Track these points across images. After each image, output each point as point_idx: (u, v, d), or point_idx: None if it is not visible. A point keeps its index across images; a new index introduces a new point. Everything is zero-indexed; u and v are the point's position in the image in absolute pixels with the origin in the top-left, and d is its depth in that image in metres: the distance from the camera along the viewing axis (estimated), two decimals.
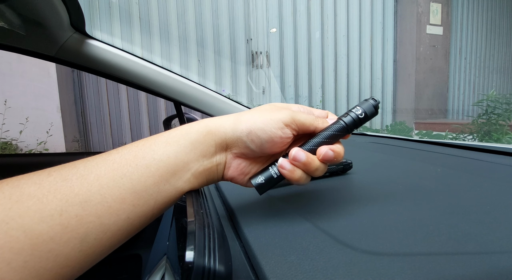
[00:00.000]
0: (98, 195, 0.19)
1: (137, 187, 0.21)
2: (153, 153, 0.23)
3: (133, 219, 0.21)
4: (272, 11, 3.15)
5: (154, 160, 0.22)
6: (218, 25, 3.04)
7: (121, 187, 0.20)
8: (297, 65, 3.29)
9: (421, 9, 3.32)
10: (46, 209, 0.18)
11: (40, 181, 0.19)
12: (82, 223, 0.18)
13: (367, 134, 0.82)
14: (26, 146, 2.66)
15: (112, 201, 0.20)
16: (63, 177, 0.19)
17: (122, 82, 0.76)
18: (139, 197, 0.21)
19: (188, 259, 0.16)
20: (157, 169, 0.22)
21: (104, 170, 0.21)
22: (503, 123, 2.35)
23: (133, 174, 0.21)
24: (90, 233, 0.19)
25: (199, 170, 0.25)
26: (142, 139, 0.24)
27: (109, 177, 0.20)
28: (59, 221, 0.18)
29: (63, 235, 0.18)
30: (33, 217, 0.17)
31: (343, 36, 3.37)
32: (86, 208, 0.19)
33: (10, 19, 0.57)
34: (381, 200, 0.29)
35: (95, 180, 0.20)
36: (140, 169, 0.22)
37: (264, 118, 0.25)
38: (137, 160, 0.22)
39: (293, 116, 0.25)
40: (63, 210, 0.18)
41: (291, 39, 3.23)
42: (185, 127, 0.25)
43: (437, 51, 3.46)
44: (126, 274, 0.68)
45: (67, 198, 0.18)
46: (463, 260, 0.18)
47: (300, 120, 0.25)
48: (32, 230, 0.17)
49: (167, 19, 2.92)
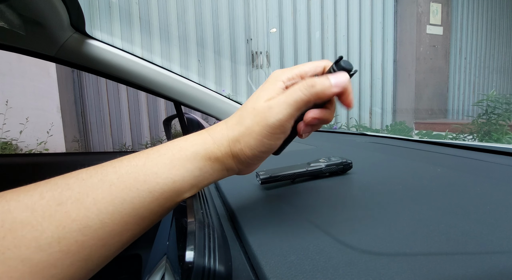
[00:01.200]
0: (98, 220, 0.18)
1: (140, 211, 0.20)
2: (156, 176, 0.21)
3: (137, 234, 0.21)
4: (272, 11, 3.15)
5: (157, 184, 0.21)
6: (218, 25, 3.04)
7: (122, 212, 0.19)
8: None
9: (421, 9, 3.32)
10: (42, 237, 0.17)
11: (32, 205, 0.18)
12: (84, 247, 0.18)
13: (367, 134, 0.82)
14: (26, 146, 2.66)
15: (114, 225, 0.19)
16: (57, 200, 0.18)
17: (122, 82, 0.76)
18: (143, 218, 0.20)
19: (188, 259, 0.16)
20: (161, 193, 0.21)
21: (101, 193, 0.19)
22: (503, 123, 2.35)
23: (135, 199, 0.20)
24: (94, 253, 0.18)
25: (209, 182, 0.24)
26: (140, 154, 0.22)
27: (107, 202, 0.19)
28: (59, 249, 0.17)
29: (65, 260, 0.17)
30: (29, 246, 0.16)
31: (343, 36, 3.37)
32: (86, 234, 0.18)
33: (10, 19, 0.57)
34: (381, 200, 0.29)
35: (93, 204, 0.19)
36: (142, 194, 0.20)
37: (254, 131, 0.23)
38: (138, 184, 0.20)
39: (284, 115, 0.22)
40: (61, 237, 0.17)
41: (291, 39, 3.23)
42: (189, 149, 0.23)
43: (437, 51, 3.46)
44: (126, 274, 0.68)
45: (64, 225, 0.17)
46: (463, 260, 0.18)
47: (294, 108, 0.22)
48: (30, 260, 0.16)
49: (167, 19, 2.93)
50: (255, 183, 0.37)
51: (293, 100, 0.22)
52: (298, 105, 0.22)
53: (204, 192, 0.28)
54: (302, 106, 0.23)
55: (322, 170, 0.37)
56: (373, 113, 3.56)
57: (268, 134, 0.22)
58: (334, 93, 0.23)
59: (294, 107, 0.22)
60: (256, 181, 0.37)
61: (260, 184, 0.36)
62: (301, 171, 0.36)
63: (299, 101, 0.22)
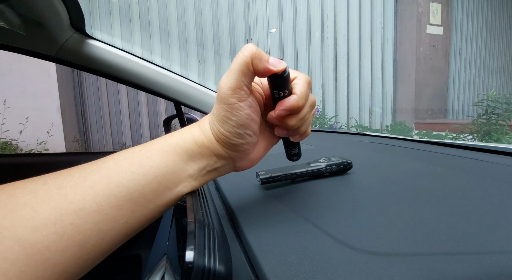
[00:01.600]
0: (94, 203, 0.19)
1: (134, 194, 0.21)
2: (149, 160, 0.22)
3: (132, 223, 0.21)
4: (272, 11, 3.15)
5: (151, 168, 0.22)
6: (218, 25, 3.04)
7: (117, 195, 0.20)
8: (297, 65, 3.29)
9: (421, 9, 3.32)
10: (39, 218, 0.17)
11: (35, 189, 0.18)
12: (79, 231, 0.18)
13: (367, 134, 0.82)
14: (26, 146, 2.66)
15: (108, 208, 0.19)
16: (58, 185, 0.19)
17: (122, 82, 0.76)
18: (137, 203, 0.21)
19: (188, 259, 0.16)
20: (154, 177, 0.22)
21: (99, 177, 0.20)
22: (503, 123, 2.35)
23: (130, 182, 0.21)
24: (88, 240, 0.19)
25: (202, 173, 0.24)
26: (137, 146, 0.24)
27: (104, 185, 0.20)
28: (54, 230, 0.17)
29: (59, 243, 0.17)
30: (26, 227, 0.17)
31: (343, 36, 3.37)
32: (81, 216, 0.18)
33: (10, 19, 0.57)
34: (381, 200, 0.29)
35: (90, 187, 0.19)
36: (137, 177, 0.21)
37: (216, 106, 0.24)
38: (133, 168, 0.21)
39: (234, 76, 0.23)
40: (57, 218, 0.18)
41: (291, 39, 3.23)
42: (178, 136, 0.24)
43: (437, 51, 3.46)
44: (126, 274, 0.68)
45: (61, 207, 0.18)
46: (463, 260, 0.18)
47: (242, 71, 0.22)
48: (26, 240, 0.16)
49: (167, 19, 2.93)
50: (255, 183, 0.37)
51: (235, 64, 0.22)
52: (240, 68, 0.22)
53: (204, 192, 0.28)
54: (244, 68, 0.22)
55: (322, 170, 0.37)
56: (373, 113, 3.56)
57: (227, 106, 0.23)
58: (268, 59, 0.23)
59: (237, 71, 0.22)
60: (256, 181, 0.37)
61: (260, 184, 0.36)
62: (301, 171, 0.36)
63: (241, 64, 0.22)
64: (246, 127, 0.24)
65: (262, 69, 0.22)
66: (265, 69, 0.22)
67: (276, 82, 0.23)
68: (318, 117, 3.15)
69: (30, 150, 2.66)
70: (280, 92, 0.24)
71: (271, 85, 0.24)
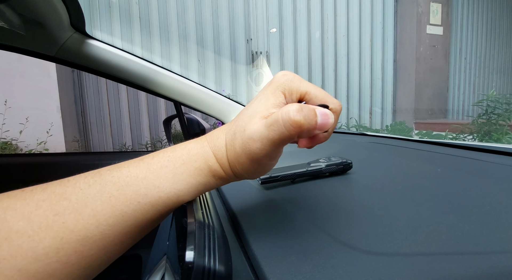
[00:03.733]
0: (98, 232, 0.18)
1: (143, 222, 0.20)
2: (158, 190, 0.20)
3: (138, 239, 0.21)
4: (272, 11, 3.15)
5: (160, 198, 0.20)
6: (218, 25, 3.04)
7: (123, 224, 0.19)
8: (297, 65, 3.29)
9: (421, 9, 3.32)
10: (39, 247, 0.16)
11: (28, 214, 0.17)
12: (84, 257, 0.18)
13: (367, 134, 0.82)
14: (26, 146, 2.66)
15: (114, 236, 0.19)
16: (54, 211, 0.18)
17: (122, 82, 0.76)
18: (146, 228, 0.21)
19: (188, 259, 0.16)
20: (164, 206, 0.20)
21: (101, 205, 0.19)
22: (503, 123, 2.35)
23: (136, 212, 0.19)
24: (94, 262, 0.18)
25: (211, 188, 0.24)
26: (140, 163, 0.21)
27: (107, 214, 0.19)
28: (57, 259, 0.17)
29: (63, 270, 0.17)
30: (25, 257, 0.16)
31: (343, 36, 3.37)
32: (85, 244, 0.18)
33: (10, 19, 0.57)
34: (381, 200, 0.29)
35: (92, 216, 0.18)
36: (144, 207, 0.20)
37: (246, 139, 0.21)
38: (139, 198, 0.20)
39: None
40: (59, 248, 0.17)
41: (291, 39, 3.23)
42: (193, 164, 0.22)
43: (437, 51, 3.46)
44: (126, 274, 0.68)
45: (62, 236, 0.17)
46: (463, 260, 0.18)
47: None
48: (27, 270, 0.16)
49: (167, 19, 2.93)
50: (255, 183, 0.37)
51: (274, 136, 0.19)
52: (280, 141, 0.20)
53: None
54: (285, 141, 0.20)
55: (322, 170, 0.37)
56: (373, 113, 3.56)
57: (256, 162, 0.21)
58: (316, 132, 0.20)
59: (275, 143, 0.20)
60: (256, 181, 0.37)
61: (260, 184, 0.36)
62: (301, 171, 0.36)
63: (282, 138, 0.20)
64: (272, 166, 0.23)
65: (306, 135, 0.20)
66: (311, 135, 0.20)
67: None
68: None
69: (30, 150, 2.66)
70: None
71: None
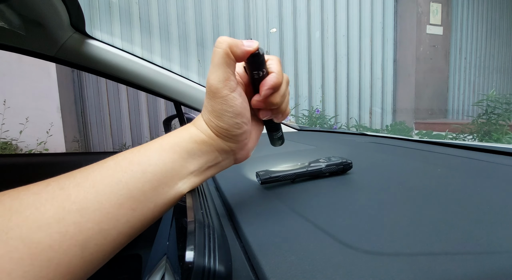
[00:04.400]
0: (95, 201, 0.19)
1: (134, 192, 0.21)
2: (148, 159, 0.22)
3: (133, 222, 0.21)
4: (272, 11, 3.15)
5: (150, 166, 0.22)
6: (218, 25, 3.04)
7: (117, 193, 0.20)
8: (297, 65, 3.29)
9: (421, 9, 3.32)
10: (43, 218, 0.18)
11: (39, 191, 0.19)
12: (81, 230, 0.18)
13: (367, 134, 0.82)
14: (26, 146, 2.66)
15: (110, 207, 0.20)
16: (60, 186, 0.20)
17: (122, 82, 0.76)
18: (138, 201, 0.21)
19: (188, 259, 0.16)
20: (153, 174, 0.22)
21: (100, 176, 0.21)
22: (503, 123, 2.35)
23: (129, 180, 0.21)
24: (90, 239, 0.19)
25: (203, 169, 0.25)
26: (137, 146, 0.24)
27: (104, 184, 0.20)
28: (57, 229, 0.18)
29: (62, 243, 0.18)
30: (31, 226, 0.17)
31: (343, 36, 3.37)
32: (84, 215, 0.19)
33: (10, 19, 0.57)
34: (381, 200, 0.29)
35: (91, 187, 0.20)
36: (136, 174, 0.21)
37: (208, 101, 0.25)
38: (132, 166, 0.22)
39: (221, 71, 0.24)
40: (61, 217, 0.18)
41: (291, 39, 3.23)
42: (175, 136, 0.25)
43: (437, 51, 3.46)
44: (126, 274, 0.69)
45: (64, 206, 0.18)
46: (463, 260, 0.18)
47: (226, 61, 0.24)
48: (30, 239, 0.17)
49: (167, 19, 2.93)
50: (255, 183, 0.37)
51: (217, 58, 0.23)
52: (223, 60, 0.23)
53: (204, 192, 0.28)
54: (227, 59, 0.23)
55: (322, 170, 0.37)
56: (373, 113, 3.56)
57: (221, 99, 0.24)
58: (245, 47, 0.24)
59: (222, 63, 0.23)
60: (256, 181, 0.37)
61: (260, 184, 0.36)
62: (301, 171, 0.36)
63: (222, 56, 0.23)
64: (242, 116, 0.25)
65: (241, 53, 0.24)
66: (244, 52, 0.24)
67: (255, 61, 0.25)
68: (318, 117, 3.15)
69: (30, 150, 2.66)
70: (260, 72, 0.25)
71: (250, 67, 0.25)
